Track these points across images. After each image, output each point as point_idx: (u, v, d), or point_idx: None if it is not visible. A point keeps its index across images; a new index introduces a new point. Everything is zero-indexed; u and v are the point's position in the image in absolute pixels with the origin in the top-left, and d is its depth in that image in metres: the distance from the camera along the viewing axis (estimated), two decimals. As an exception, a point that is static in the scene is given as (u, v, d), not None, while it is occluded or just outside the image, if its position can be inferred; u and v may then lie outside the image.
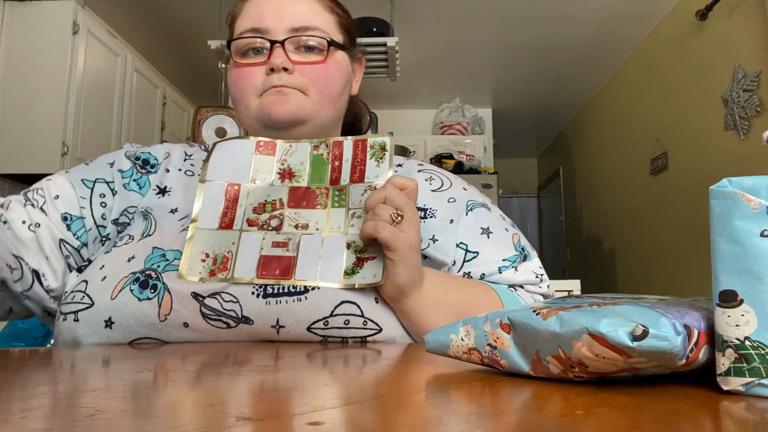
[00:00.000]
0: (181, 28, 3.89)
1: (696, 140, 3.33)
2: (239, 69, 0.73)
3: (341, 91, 0.76)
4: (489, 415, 0.26)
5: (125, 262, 0.63)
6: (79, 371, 0.39)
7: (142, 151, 0.77)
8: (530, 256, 0.77)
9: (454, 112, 5.00)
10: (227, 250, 0.61)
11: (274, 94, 0.71)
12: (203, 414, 0.25)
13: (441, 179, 0.79)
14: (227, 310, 0.59)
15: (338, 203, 0.64)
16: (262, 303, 0.60)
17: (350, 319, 0.60)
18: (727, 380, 0.30)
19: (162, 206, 0.70)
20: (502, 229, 0.76)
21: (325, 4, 0.76)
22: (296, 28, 0.72)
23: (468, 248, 0.73)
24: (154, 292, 0.59)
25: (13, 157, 2.93)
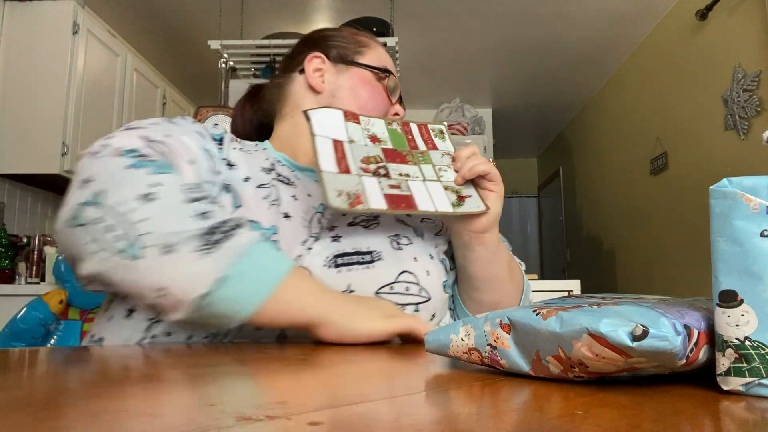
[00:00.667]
0: (181, 28, 3.89)
1: (696, 140, 3.33)
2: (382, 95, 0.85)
3: None
4: (489, 415, 0.26)
5: None
6: (79, 371, 0.39)
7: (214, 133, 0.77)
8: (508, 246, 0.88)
9: (454, 112, 5.00)
10: (354, 189, 0.67)
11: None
12: (203, 414, 0.25)
13: None
14: None
15: (423, 161, 0.75)
16: (333, 272, 0.67)
17: (410, 286, 0.70)
18: (727, 380, 0.30)
19: (235, 178, 0.72)
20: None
21: None
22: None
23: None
24: None
25: (13, 157, 2.92)
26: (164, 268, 0.53)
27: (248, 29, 3.74)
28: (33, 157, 2.93)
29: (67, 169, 2.98)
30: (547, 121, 5.96)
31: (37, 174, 2.98)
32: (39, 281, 2.67)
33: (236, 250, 0.55)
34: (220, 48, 2.99)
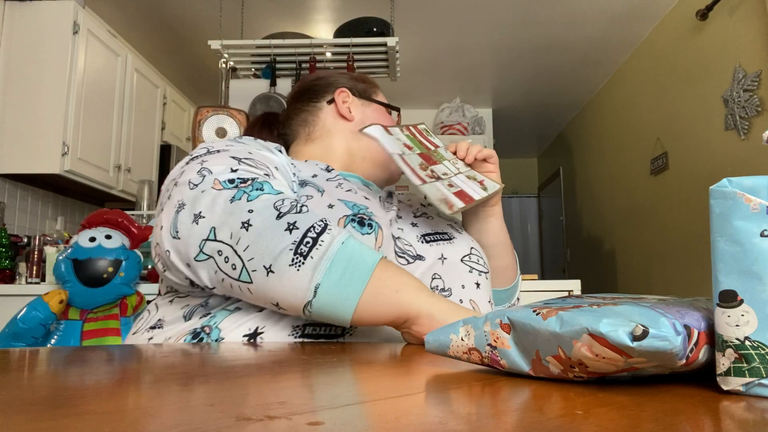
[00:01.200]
0: (181, 28, 3.89)
1: (696, 140, 3.33)
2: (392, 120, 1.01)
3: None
4: (489, 415, 0.26)
5: (327, 209, 0.73)
6: (80, 371, 0.39)
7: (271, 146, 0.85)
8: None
9: (455, 112, 5.00)
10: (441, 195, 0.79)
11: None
12: (203, 414, 0.25)
13: None
14: (407, 250, 0.79)
15: (440, 159, 0.89)
16: (427, 246, 0.82)
17: (479, 258, 0.87)
18: (727, 380, 0.30)
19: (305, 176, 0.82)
20: None
21: None
22: None
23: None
24: (371, 229, 0.72)
25: (13, 157, 2.92)
26: (271, 287, 0.60)
27: (248, 29, 3.74)
28: (33, 157, 2.93)
29: (67, 169, 2.98)
30: (547, 121, 5.96)
31: (37, 174, 2.98)
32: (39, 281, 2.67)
33: (325, 254, 0.59)
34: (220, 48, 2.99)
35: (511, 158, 7.18)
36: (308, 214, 0.62)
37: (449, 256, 0.82)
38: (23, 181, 3.14)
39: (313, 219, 0.62)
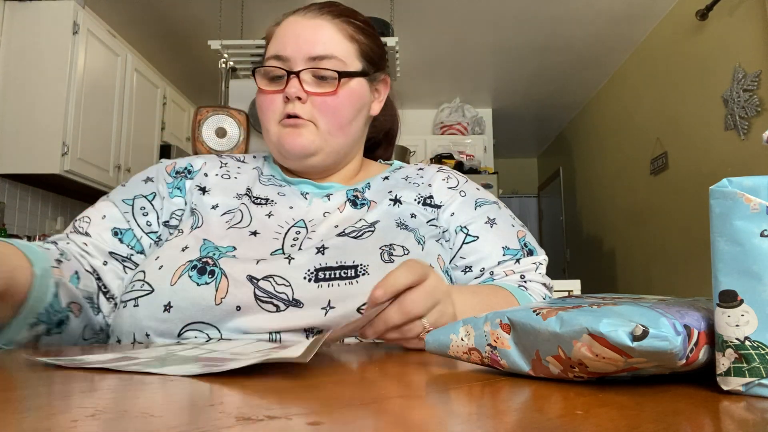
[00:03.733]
0: (181, 28, 3.89)
1: (696, 140, 3.33)
2: (263, 95, 0.79)
3: (352, 119, 0.80)
4: (489, 415, 0.26)
5: (179, 251, 0.68)
6: (79, 371, 0.39)
7: (181, 165, 0.84)
8: (536, 252, 0.82)
9: (454, 112, 5.00)
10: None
11: (289, 127, 0.77)
12: (203, 414, 0.25)
13: (457, 179, 0.87)
14: (279, 293, 0.64)
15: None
16: (314, 287, 0.65)
17: None
18: (727, 380, 0.30)
19: (204, 203, 0.77)
20: (508, 224, 0.83)
21: (345, 32, 0.79)
22: (313, 57, 0.76)
23: (469, 232, 0.80)
24: (212, 277, 0.64)
25: (13, 157, 2.92)
26: None
27: (248, 29, 3.74)
28: (33, 157, 2.93)
29: (67, 169, 2.98)
30: (547, 121, 5.96)
31: (37, 174, 2.98)
32: (39, 281, 2.67)
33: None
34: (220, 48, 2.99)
35: (511, 158, 7.17)
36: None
37: (339, 304, 0.63)
38: (23, 181, 3.14)
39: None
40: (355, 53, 0.80)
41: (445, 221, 0.81)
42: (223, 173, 0.83)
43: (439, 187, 0.84)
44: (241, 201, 0.77)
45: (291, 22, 0.80)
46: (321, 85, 0.77)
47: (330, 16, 0.79)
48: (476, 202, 0.83)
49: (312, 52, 0.76)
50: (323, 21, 0.79)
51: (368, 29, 0.83)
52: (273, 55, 0.78)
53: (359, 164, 0.87)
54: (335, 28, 0.79)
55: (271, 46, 0.80)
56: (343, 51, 0.78)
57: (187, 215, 0.77)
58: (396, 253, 0.70)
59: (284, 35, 0.79)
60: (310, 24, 0.78)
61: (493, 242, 0.79)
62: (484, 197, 0.85)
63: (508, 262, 0.78)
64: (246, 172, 0.84)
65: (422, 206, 0.81)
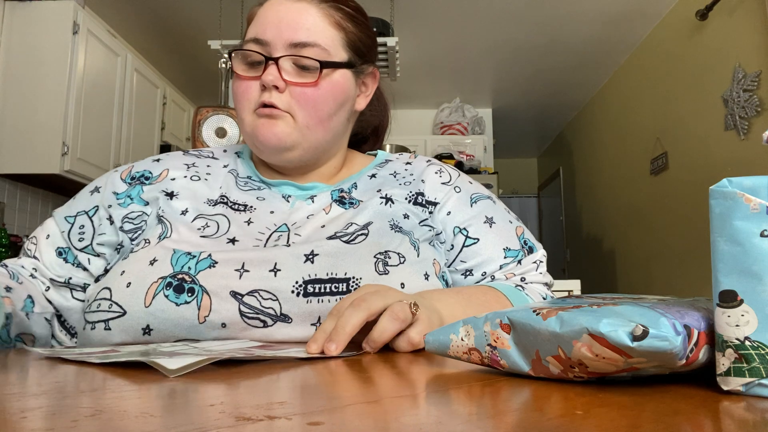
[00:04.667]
0: (181, 28, 3.89)
1: (696, 140, 3.33)
2: (239, 81, 0.73)
3: (333, 114, 0.74)
4: (489, 415, 0.26)
5: (147, 265, 0.63)
6: (79, 371, 0.39)
7: (137, 171, 0.78)
8: (535, 248, 0.80)
9: (454, 112, 5.00)
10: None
11: (264, 117, 0.71)
12: (203, 414, 0.25)
13: (449, 173, 0.83)
14: (266, 308, 0.60)
15: None
16: (303, 301, 0.61)
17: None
18: (727, 380, 0.30)
19: (173, 208, 0.71)
20: (506, 221, 0.80)
21: (331, 19, 0.73)
22: (295, 44, 0.70)
23: (468, 234, 0.76)
24: (192, 296, 0.60)
25: (13, 157, 2.92)
26: None
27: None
28: (33, 157, 2.93)
29: (67, 169, 2.98)
30: (547, 121, 5.96)
31: (37, 174, 2.98)
32: (39, 281, 2.67)
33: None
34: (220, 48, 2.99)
35: (511, 158, 7.17)
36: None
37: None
38: (23, 181, 3.14)
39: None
40: (340, 42, 0.74)
41: (440, 222, 0.77)
42: (192, 174, 0.77)
43: (432, 182, 0.80)
44: (216, 210, 0.72)
45: (274, 4, 0.73)
46: (301, 75, 0.71)
47: (317, 0, 0.73)
48: (471, 198, 0.80)
49: (293, 38, 0.70)
50: (308, 5, 0.72)
51: (358, 17, 0.77)
52: (252, 38, 0.72)
53: (342, 160, 0.82)
54: (321, 14, 0.73)
55: (251, 28, 0.74)
56: (327, 39, 0.72)
57: (153, 223, 0.71)
58: (391, 261, 0.66)
59: (265, 17, 0.72)
60: (294, 7, 0.72)
61: (494, 244, 0.76)
62: (478, 191, 0.82)
63: (510, 264, 0.76)
64: (218, 172, 0.79)
65: (414, 205, 0.77)
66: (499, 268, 0.75)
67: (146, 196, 0.74)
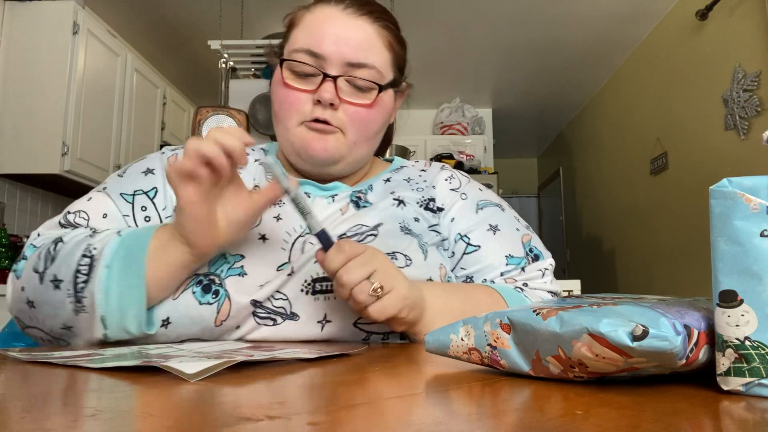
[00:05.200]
0: (181, 28, 3.89)
1: (696, 140, 3.33)
2: (287, 90, 0.72)
3: (378, 131, 0.77)
4: (489, 415, 0.26)
5: None
6: (79, 371, 0.39)
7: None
8: (542, 256, 0.79)
9: (454, 112, 5.00)
10: None
11: (315, 131, 0.72)
12: (203, 414, 0.25)
13: (459, 179, 0.84)
14: (277, 308, 0.63)
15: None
16: (310, 299, 0.64)
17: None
18: (727, 380, 0.30)
19: None
20: (513, 229, 0.79)
21: (385, 39, 0.75)
22: (352, 63, 0.71)
23: (469, 241, 0.76)
24: (215, 298, 0.62)
25: (13, 157, 2.92)
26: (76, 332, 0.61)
27: (248, 29, 3.74)
28: (33, 157, 2.93)
29: (67, 169, 2.98)
30: (547, 121, 5.96)
31: (37, 174, 2.98)
32: (39, 281, 2.67)
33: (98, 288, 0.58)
34: (220, 48, 2.99)
35: (511, 158, 7.17)
36: (65, 257, 0.60)
37: (336, 318, 0.64)
38: (23, 181, 3.14)
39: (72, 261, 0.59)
40: (390, 63, 0.75)
41: (445, 227, 0.78)
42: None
43: (441, 188, 0.81)
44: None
45: (328, 16, 0.72)
46: (356, 95, 0.72)
47: (370, 18, 0.73)
48: (478, 205, 0.80)
49: (352, 57, 0.71)
50: (364, 23, 0.73)
51: (401, 37, 0.79)
52: (305, 50, 0.71)
53: (369, 167, 0.84)
54: (376, 33, 0.73)
55: (301, 36, 0.73)
56: (381, 61, 0.73)
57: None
58: (398, 262, 0.68)
59: (321, 30, 0.71)
60: (352, 24, 0.72)
61: (496, 251, 0.75)
62: (486, 198, 0.81)
63: (512, 272, 0.75)
64: (249, 165, 0.79)
65: (425, 210, 0.78)
66: (500, 275, 0.74)
67: None
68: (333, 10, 0.73)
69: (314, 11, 0.74)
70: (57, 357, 0.44)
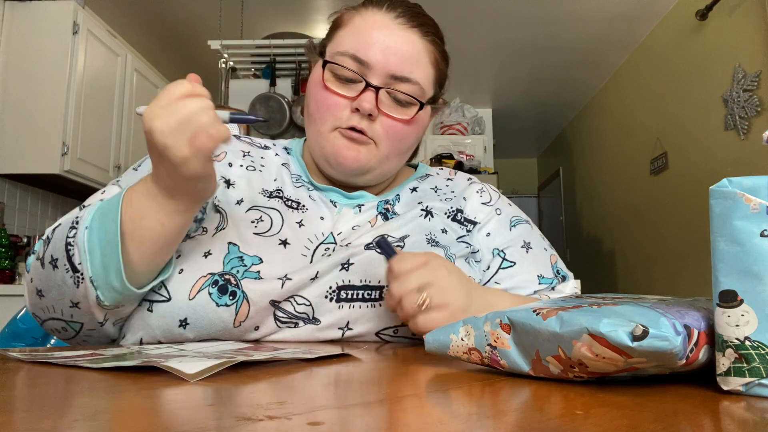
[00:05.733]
0: (181, 28, 3.89)
1: (696, 140, 3.33)
2: (326, 93, 0.70)
3: (411, 146, 0.76)
4: (489, 415, 0.26)
5: (201, 257, 0.63)
6: (79, 371, 0.39)
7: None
8: (568, 277, 0.80)
9: (454, 112, 5.00)
10: None
11: (348, 139, 0.70)
12: (203, 414, 0.25)
13: (490, 193, 0.84)
14: (300, 313, 0.63)
15: None
16: (334, 306, 0.64)
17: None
18: (727, 380, 0.30)
19: (229, 198, 0.71)
20: (542, 248, 0.80)
21: (432, 55, 0.73)
22: (396, 76, 0.69)
23: (506, 257, 0.77)
24: (233, 299, 0.61)
25: (13, 157, 2.92)
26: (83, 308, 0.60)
27: (248, 29, 3.74)
28: (33, 157, 2.93)
29: (67, 169, 2.98)
30: (547, 121, 5.96)
31: (37, 174, 2.98)
32: (39, 281, 2.67)
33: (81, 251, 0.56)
34: (220, 48, 2.99)
35: (511, 158, 7.17)
36: (58, 237, 0.59)
37: (359, 327, 0.64)
38: (23, 181, 3.14)
39: (62, 238, 0.58)
40: (432, 80, 0.74)
41: (478, 241, 0.77)
42: (248, 164, 0.76)
43: (473, 201, 0.81)
44: (270, 203, 0.71)
45: (378, 22, 0.70)
46: (395, 108, 0.70)
47: (420, 32, 0.71)
48: (511, 222, 0.80)
49: (398, 70, 0.69)
50: (414, 36, 0.70)
51: (446, 53, 0.77)
52: (351, 54, 0.69)
53: (395, 176, 0.83)
54: (424, 48, 0.71)
55: (348, 39, 0.70)
56: (425, 77, 0.72)
57: (211, 211, 0.70)
58: None
59: (369, 36, 0.69)
60: (402, 36, 0.70)
61: (530, 270, 0.76)
62: (518, 215, 0.83)
63: (544, 290, 0.76)
64: (271, 163, 0.78)
65: (452, 221, 0.77)
66: (533, 293, 0.75)
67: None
68: (384, 17, 0.70)
69: (364, 14, 0.71)
70: (57, 357, 0.44)
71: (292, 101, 2.96)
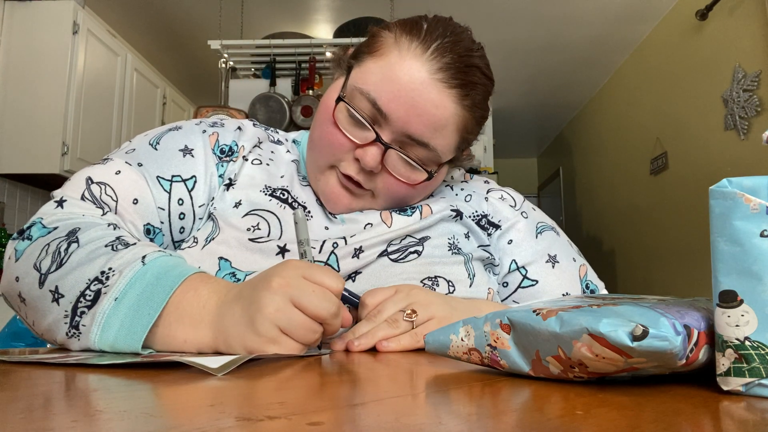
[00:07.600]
0: (181, 28, 3.89)
1: (696, 140, 3.33)
2: (333, 130, 0.64)
3: (415, 201, 0.71)
4: (489, 415, 0.26)
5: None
6: (79, 371, 0.39)
7: (224, 143, 0.69)
8: (597, 290, 0.75)
9: (454, 112, 5.00)
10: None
11: (345, 187, 0.66)
12: (203, 414, 0.25)
13: (513, 197, 0.79)
14: None
15: None
16: None
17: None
18: (727, 380, 0.30)
19: (226, 201, 0.65)
20: (570, 259, 0.75)
21: (462, 122, 0.65)
22: (413, 138, 0.63)
23: (527, 274, 0.71)
24: None
25: (13, 157, 2.92)
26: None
27: (248, 29, 3.74)
28: (33, 157, 2.93)
29: (67, 169, 2.98)
30: (547, 121, 5.96)
31: (37, 174, 2.98)
32: (39, 281, 2.67)
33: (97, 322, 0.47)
34: (220, 48, 2.99)
35: (511, 158, 7.17)
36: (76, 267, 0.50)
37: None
38: (23, 181, 3.14)
39: (81, 278, 0.49)
40: (454, 146, 0.67)
41: (499, 249, 0.73)
42: (254, 158, 0.70)
43: (497, 205, 0.76)
44: (270, 204, 0.65)
45: (414, 74, 0.62)
46: (402, 168, 0.65)
47: (459, 94, 0.63)
48: (536, 228, 0.75)
49: (416, 133, 0.62)
50: (448, 101, 0.62)
51: (484, 114, 0.69)
52: (371, 98, 0.62)
53: None
54: (455, 116, 0.64)
55: (374, 76, 0.63)
56: (445, 145, 0.65)
57: (204, 218, 0.65)
58: (439, 289, 0.63)
59: (397, 86, 0.61)
60: (434, 98, 0.62)
61: (554, 287, 0.71)
62: (543, 220, 0.77)
63: None
64: (281, 158, 0.72)
65: (477, 225, 0.72)
66: None
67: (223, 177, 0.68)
68: (423, 67, 0.62)
69: (403, 53, 0.63)
70: (57, 357, 0.44)
71: (292, 101, 2.96)
